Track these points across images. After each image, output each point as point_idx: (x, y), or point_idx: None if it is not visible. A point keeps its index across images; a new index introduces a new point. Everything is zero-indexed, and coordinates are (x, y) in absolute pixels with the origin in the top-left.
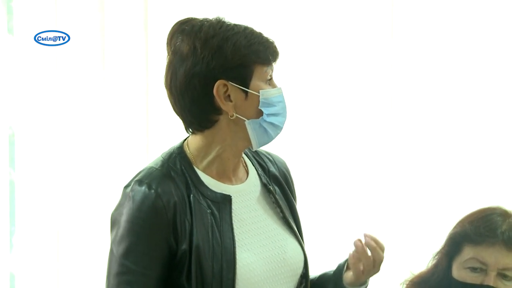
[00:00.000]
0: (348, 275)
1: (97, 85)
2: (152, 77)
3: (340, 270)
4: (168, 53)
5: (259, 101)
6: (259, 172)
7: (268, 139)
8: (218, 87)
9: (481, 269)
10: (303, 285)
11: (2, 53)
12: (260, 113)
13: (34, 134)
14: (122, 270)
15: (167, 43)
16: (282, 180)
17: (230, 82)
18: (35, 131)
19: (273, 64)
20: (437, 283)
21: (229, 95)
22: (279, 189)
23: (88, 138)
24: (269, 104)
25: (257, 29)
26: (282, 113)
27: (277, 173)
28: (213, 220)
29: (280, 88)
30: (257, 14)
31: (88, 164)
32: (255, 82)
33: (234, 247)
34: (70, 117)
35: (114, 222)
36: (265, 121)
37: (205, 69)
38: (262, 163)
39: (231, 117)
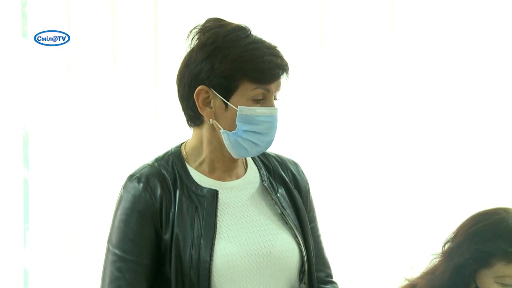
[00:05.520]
0: None
1: (108, 86)
2: (161, 76)
3: None
4: None
5: (237, 115)
6: (262, 171)
7: (247, 153)
8: (200, 91)
9: None
10: (304, 280)
11: (17, 57)
12: (236, 127)
13: (47, 134)
14: (113, 259)
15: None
16: (289, 182)
17: (212, 90)
18: (48, 132)
19: (269, 85)
20: None
21: (210, 101)
22: (284, 189)
23: (99, 137)
24: (249, 121)
25: (267, 36)
26: (267, 133)
27: (284, 174)
28: (197, 213)
29: (273, 109)
30: (264, 17)
31: (99, 163)
32: (237, 96)
33: (214, 238)
34: (81, 117)
35: (112, 218)
36: (239, 136)
37: (193, 71)
38: (268, 163)
39: (209, 122)
